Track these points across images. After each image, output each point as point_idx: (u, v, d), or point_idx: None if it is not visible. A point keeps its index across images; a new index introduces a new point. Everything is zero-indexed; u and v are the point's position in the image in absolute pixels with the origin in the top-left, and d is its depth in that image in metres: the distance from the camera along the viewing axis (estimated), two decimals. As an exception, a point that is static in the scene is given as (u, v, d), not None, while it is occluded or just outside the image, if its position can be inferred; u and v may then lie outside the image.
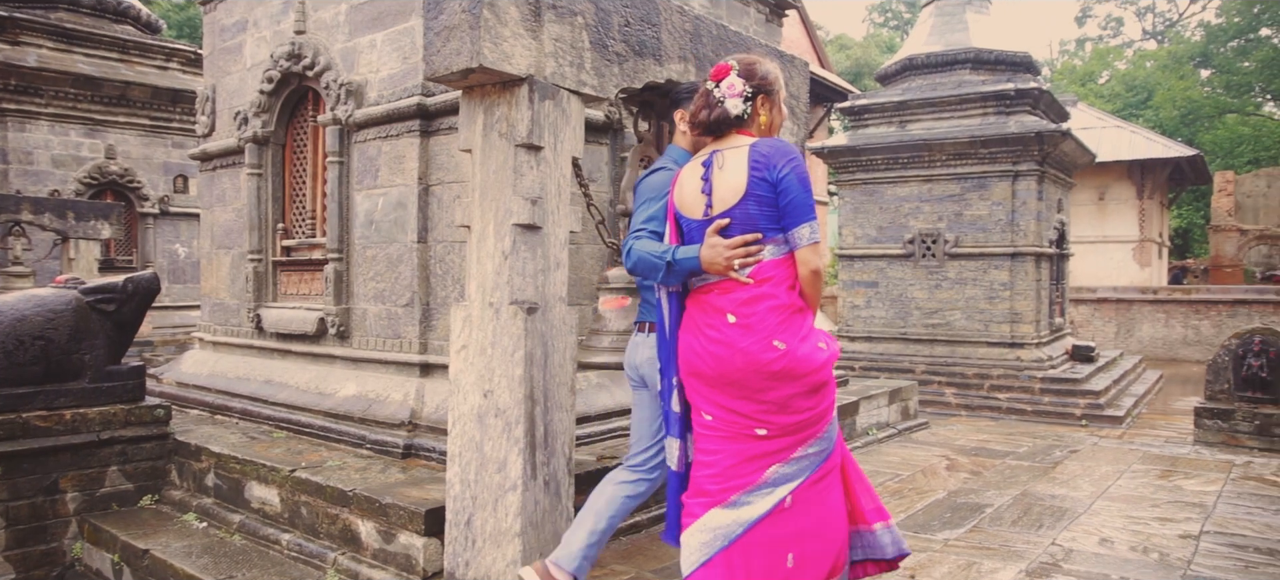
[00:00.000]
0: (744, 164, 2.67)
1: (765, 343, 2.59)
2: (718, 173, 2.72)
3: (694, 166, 2.84)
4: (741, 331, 2.62)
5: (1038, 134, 10.43)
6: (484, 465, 3.17)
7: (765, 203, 2.65)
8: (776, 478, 2.62)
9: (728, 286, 2.68)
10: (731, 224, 2.68)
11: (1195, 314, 18.46)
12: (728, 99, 2.78)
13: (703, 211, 2.75)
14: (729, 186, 2.69)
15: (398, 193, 4.76)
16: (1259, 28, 36.93)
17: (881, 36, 47.74)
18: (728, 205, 2.69)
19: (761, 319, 2.62)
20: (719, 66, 2.87)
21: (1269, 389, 7.89)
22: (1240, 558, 4.01)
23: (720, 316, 2.67)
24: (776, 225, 2.66)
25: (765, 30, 6.68)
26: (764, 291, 2.64)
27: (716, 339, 2.66)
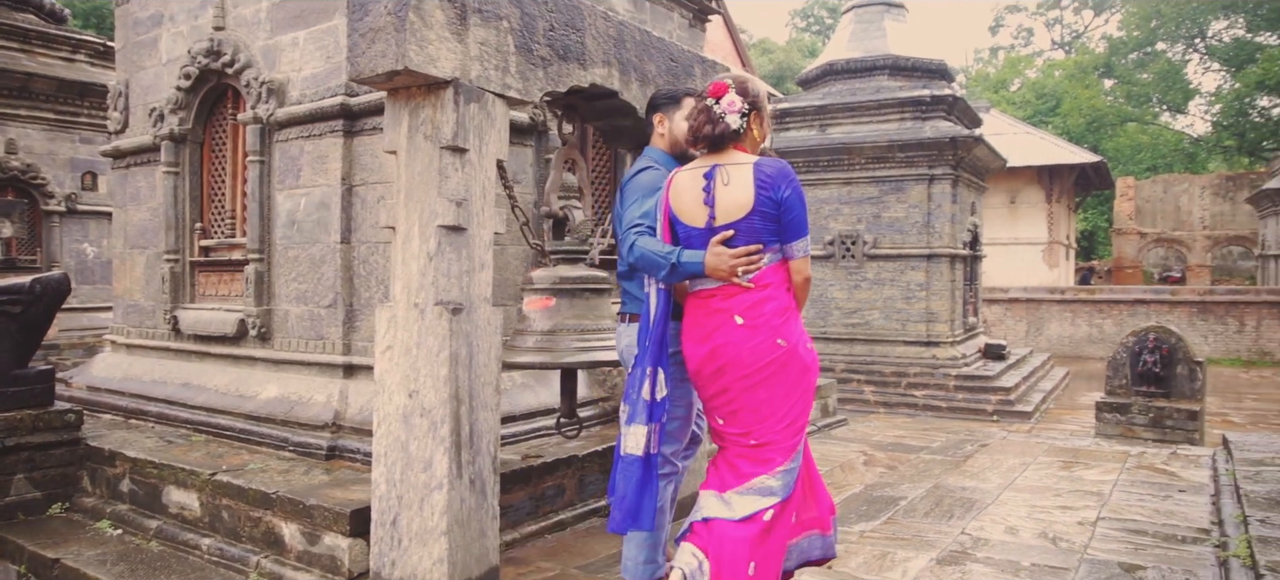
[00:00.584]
0: (750, 182, 2.88)
1: (770, 340, 2.86)
2: (722, 188, 2.92)
3: (693, 177, 3.00)
4: (748, 331, 2.87)
5: (952, 139, 10.79)
6: (409, 465, 3.18)
7: (768, 218, 2.88)
8: (762, 488, 2.85)
9: (731, 291, 2.91)
10: (736, 235, 2.90)
11: (1099, 313, 19.28)
12: (728, 115, 2.96)
13: (706, 221, 2.94)
14: (735, 201, 2.90)
15: (321, 193, 4.72)
16: (1155, 42, 38.70)
17: (804, 41, 48.59)
18: (733, 218, 2.90)
19: (766, 319, 2.88)
20: (717, 84, 3.04)
21: (1162, 383, 8.34)
22: (1132, 541, 4.25)
23: (728, 319, 2.90)
24: (775, 237, 2.90)
25: (689, 34, 6.79)
26: (767, 295, 2.89)
27: (723, 339, 2.90)
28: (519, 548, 4.08)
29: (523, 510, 4.22)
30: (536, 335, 3.80)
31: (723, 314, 2.91)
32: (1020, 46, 50.11)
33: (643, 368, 3.06)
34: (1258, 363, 17.70)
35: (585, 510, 4.53)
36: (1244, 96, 35.45)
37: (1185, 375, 8.43)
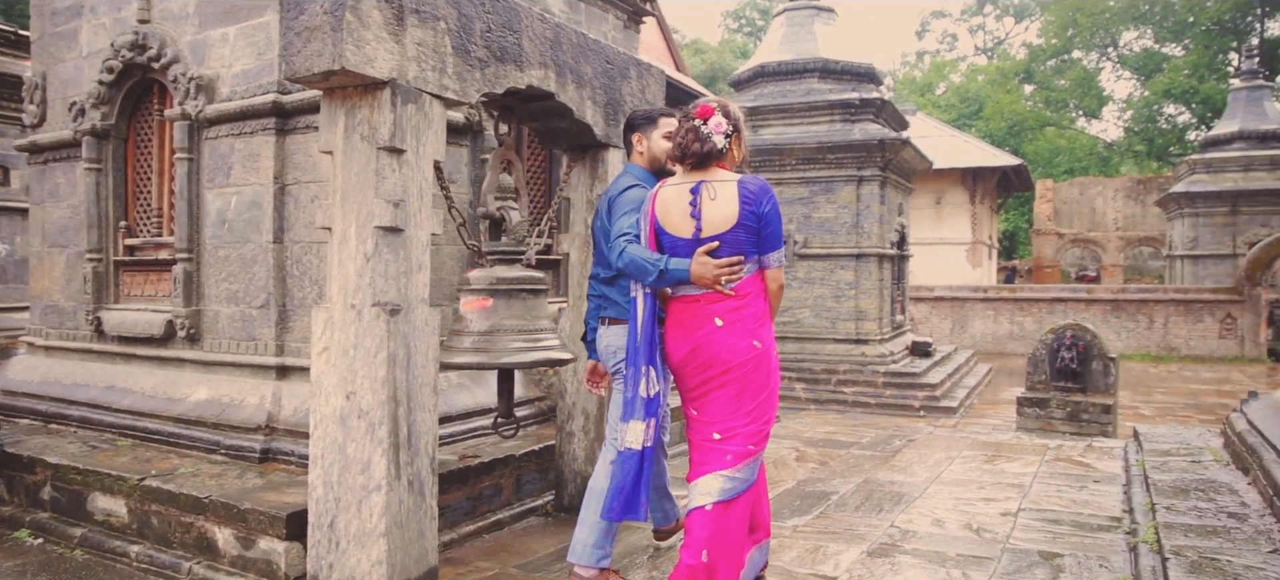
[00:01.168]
0: (735, 198, 3.12)
1: (747, 342, 3.13)
2: (708, 202, 3.15)
3: (679, 192, 3.21)
4: (727, 333, 3.12)
5: (880, 141, 11.04)
6: (347, 467, 3.17)
7: (750, 231, 3.13)
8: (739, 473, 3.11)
9: (713, 297, 3.15)
10: (720, 246, 3.12)
11: (1020, 311, 19.90)
12: (714, 135, 3.18)
13: (692, 233, 3.16)
14: (721, 215, 3.12)
15: (252, 192, 4.65)
16: (1072, 50, 40.10)
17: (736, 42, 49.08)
18: (718, 231, 3.13)
19: (745, 323, 3.13)
20: (703, 107, 3.26)
21: (1078, 379, 8.67)
22: (1050, 530, 4.44)
23: (708, 321, 3.15)
24: (754, 249, 3.16)
25: (624, 35, 6.85)
26: (746, 302, 3.15)
27: (705, 338, 3.15)
28: (457, 548, 4.09)
29: (460, 510, 4.23)
30: (474, 336, 3.80)
31: (706, 317, 3.15)
32: (945, 51, 51.42)
33: (637, 367, 3.26)
34: (1165, 358, 18.48)
35: (522, 509, 4.56)
36: (1152, 104, 37.01)
37: (1100, 371, 8.78)
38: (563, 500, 4.64)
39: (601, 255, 3.76)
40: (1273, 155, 21.40)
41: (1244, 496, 4.54)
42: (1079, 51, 40.24)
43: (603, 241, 3.66)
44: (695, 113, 3.25)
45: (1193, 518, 4.14)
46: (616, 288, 3.65)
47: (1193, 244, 21.87)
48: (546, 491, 4.75)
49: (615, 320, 3.66)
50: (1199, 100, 34.34)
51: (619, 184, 3.64)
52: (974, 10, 49.23)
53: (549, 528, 4.45)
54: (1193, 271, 21.72)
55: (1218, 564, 3.45)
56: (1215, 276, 20.72)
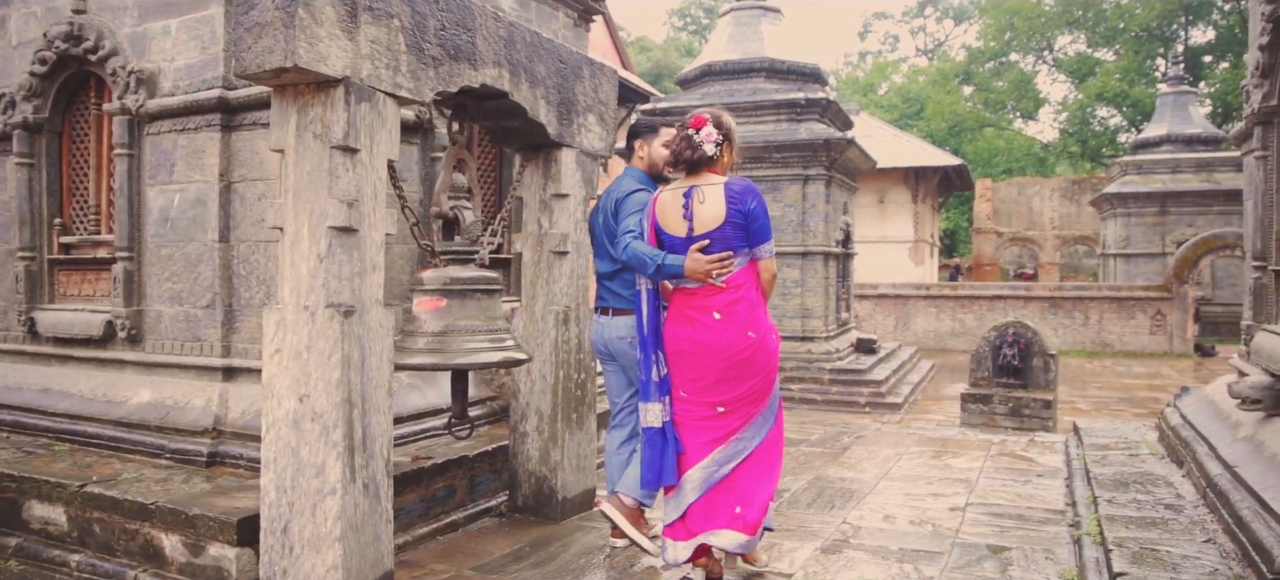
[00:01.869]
0: (722, 199, 3.42)
1: (742, 332, 3.41)
2: (698, 205, 3.45)
3: (674, 195, 3.53)
4: (724, 325, 3.41)
5: (826, 141, 11.17)
6: (301, 470, 3.12)
7: (738, 228, 3.41)
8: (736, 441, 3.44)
9: (709, 291, 3.43)
10: (711, 244, 3.41)
11: (961, 308, 20.30)
12: (705, 144, 3.48)
13: (686, 232, 3.46)
14: (710, 214, 3.42)
15: (197, 189, 4.54)
16: (1010, 53, 41.03)
17: (681, 40, 49.26)
18: (708, 228, 3.42)
19: (739, 317, 3.41)
20: (696, 117, 3.54)
21: (1020, 375, 8.88)
22: (998, 524, 4.54)
23: (707, 314, 3.44)
24: (744, 243, 3.43)
25: (574, 34, 6.82)
26: (740, 295, 3.43)
27: (704, 329, 3.43)
28: (411, 550, 4.04)
29: (414, 512, 4.18)
30: (427, 336, 3.76)
31: (703, 311, 3.45)
32: (887, 52, 52.25)
33: (647, 355, 3.60)
34: (1100, 353, 19.00)
35: (477, 510, 4.52)
36: (1086, 107, 38.03)
37: (1041, 367, 9.00)
38: (517, 501, 4.61)
39: (601, 249, 4.12)
40: (1198, 158, 22.15)
41: (1179, 489, 4.69)
42: (1016, 54, 41.19)
43: (605, 239, 4.04)
44: (689, 123, 3.53)
45: (1133, 510, 4.27)
46: (618, 281, 4.04)
47: (1125, 243, 22.54)
48: (500, 492, 4.72)
49: (619, 310, 4.04)
50: (1130, 104, 35.38)
51: (623, 187, 3.98)
52: (915, 12, 50.13)
53: (504, 528, 4.42)
54: (1125, 270, 22.38)
55: (1157, 554, 3.56)
56: (1146, 274, 21.38)
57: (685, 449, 3.49)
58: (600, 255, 4.15)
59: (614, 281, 4.06)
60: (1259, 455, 4.04)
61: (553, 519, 4.47)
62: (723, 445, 3.44)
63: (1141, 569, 3.39)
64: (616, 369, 4.16)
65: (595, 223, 4.21)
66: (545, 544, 4.16)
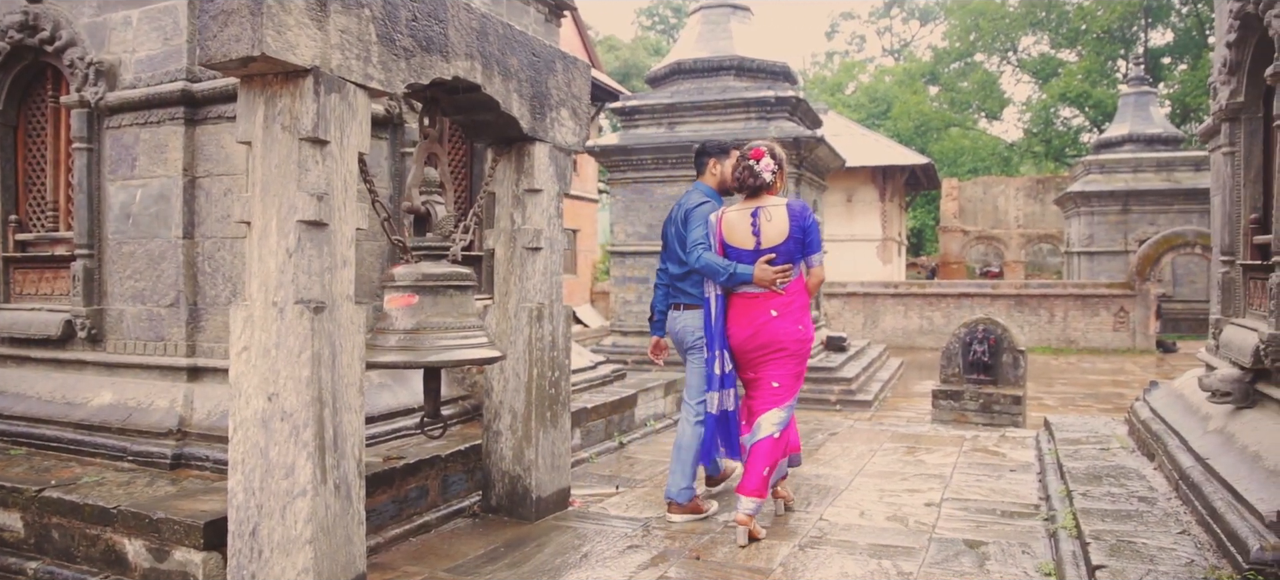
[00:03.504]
0: (785, 218, 4.23)
1: (794, 327, 4.26)
2: (766, 223, 4.24)
3: (741, 215, 4.30)
4: (780, 322, 4.24)
5: (796, 139, 11.17)
6: (270, 471, 3.03)
7: (797, 241, 4.23)
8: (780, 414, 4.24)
9: (769, 295, 4.23)
10: (775, 257, 4.21)
11: (929, 306, 20.44)
12: (764, 172, 4.27)
13: (754, 245, 4.24)
14: (776, 231, 4.22)
15: (159, 184, 4.42)
16: (974, 53, 41.48)
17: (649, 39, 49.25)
18: (774, 243, 4.22)
19: (793, 314, 4.25)
20: (755, 150, 4.32)
21: (990, 371, 8.93)
22: (974, 519, 4.54)
23: (765, 312, 4.24)
24: (800, 254, 4.26)
25: (545, 29, 6.76)
26: (793, 297, 4.26)
27: (763, 325, 4.24)
28: (383, 552, 3.96)
29: (386, 513, 4.10)
30: (399, 334, 3.69)
31: (764, 310, 4.24)
32: (854, 52, 52.59)
33: (712, 352, 4.36)
34: (1065, 350, 19.22)
35: (449, 511, 4.44)
36: (1050, 107, 38.54)
37: (1010, 363, 9.06)
38: (490, 500, 4.54)
39: (672, 253, 4.66)
40: (1159, 157, 22.48)
41: (1151, 481, 4.72)
42: (981, 55, 41.64)
43: (677, 245, 4.59)
44: (750, 154, 4.31)
45: (1107, 503, 4.29)
46: (688, 281, 4.60)
47: (1089, 241, 22.82)
48: (473, 492, 4.65)
49: (689, 306, 4.61)
50: (1092, 104, 35.88)
51: (692, 199, 4.59)
52: (881, 13, 50.49)
53: (477, 529, 4.35)
54: (1089, 267, 22.66)
55: (1134, 546, 3.57)
56: (1109, 272, 21.66)
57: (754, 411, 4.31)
58: (672, 259, 4.69)
59: (685, 282, 4.63)
60: (1230, 447, 4.06)
61: (527, 519, 4.41)
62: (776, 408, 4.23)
63: (1119, 561, 3.40)
64: (695, 359, 4.63)
65: (668, 231, 4.77)
66: (520, 544, 4.10)
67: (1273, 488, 3.38)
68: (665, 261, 4.76)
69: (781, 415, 4.23)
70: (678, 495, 4.51)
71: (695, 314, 4.55)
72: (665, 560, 3.89)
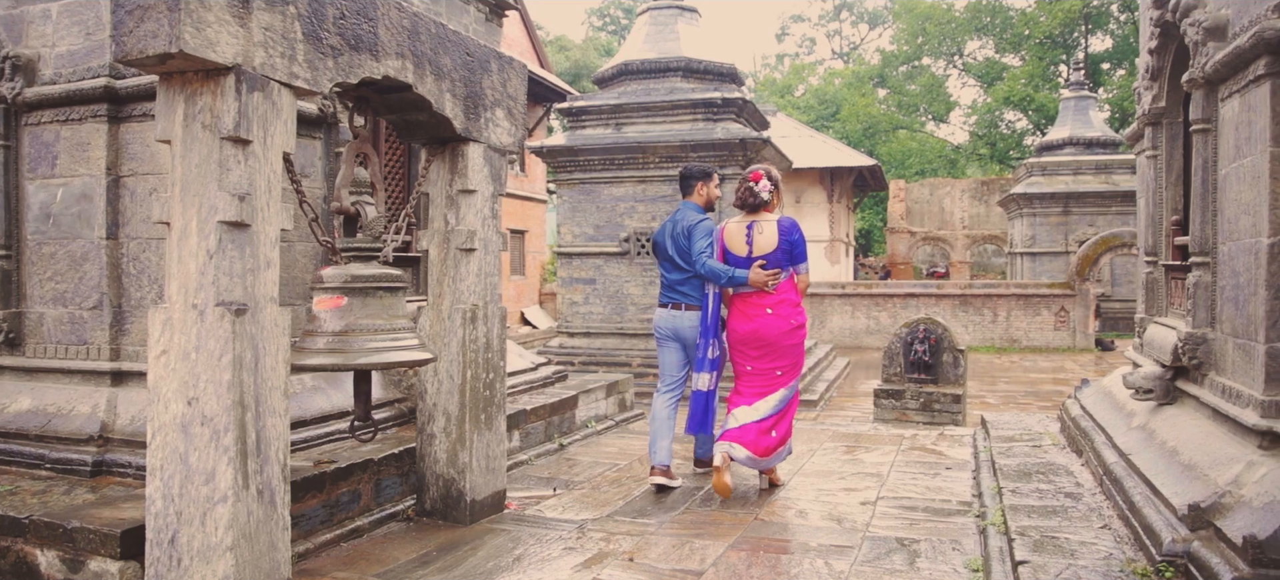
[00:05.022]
0: (775, 230, 4.98)
1: (786, 321, 4.97)
2: (758, 235, 5.00)
3: (739, 226, 5.07)
4: (775, 318, 4.96)
5: (742, 140, 11.23)
6: (190, 477, 2.97)
7: (784, 251, 4.98)
8: (781, 395, 4.99)
9: (763, 295, 4.97)
10: (766, 263, 4.94)
11: (876, 306, 20.69)
12: (762, 193, 5.03)
13: (747, 253, 4.99)
14: (767, 241, 4.97)
15: (82, 183, 4.31)
16: (922, 57, 42.08)
17: (600, 40, 49.19)
18: (765, 252, 4.97)
19: (785, 311, 4.98)
20: (755, 173, 5.06)
21: (930, 371, 9.06)
22: (907, 517, 4.60)
23: (761, 310, 4.97)
24: (788, 262, 5.00)
25: (485, 29, 6.71)
26: (784, 297, 4.99)
27: (760, 319, 4.97)
28: (313, 558, 3.90)
29: (316, 518, 4.04)
30: (327, 336, 3.63)
31: (759, 307, 4.98)
32: (804, 55, 53.07)
33: (706, 339, 5.13)
34: (1008, 349, 19.59)
35: (383, 515, 4.39)
36: (994, 110, 39.26)
37: (950, 363, 9.20)
38: (424, 504, 4.50)
39: (671, 261, 5.29)
40: (1098, 160, 23.00)
41: (1078, 477, 4.82)
42: (928, 59, 42.24)
43: (675, 254, 5.24)
44: (749, 177, 5.05)
45: (1035, 499, 4.37)
46: (687, 285, 5.22)
47: (1031, 242, 23.28)
48: (408, 496, 4.60)
49: (689, 307, 5.22)
50: (1035, 108, 36.61)
51: (690, 217, 5.25)
52: (831, 16, 51.04)
53: (410, 533, 4.30)
54: (1031, 267, 23.11)
55: (1057, 541, 3.65)
56: (1051, 272, 22.12)
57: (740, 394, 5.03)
58: (669, 266, 5.32)
59: (686, 285, 5.24)
60: (1151, 443, 4.17)
61: (462, 522, 4.37)
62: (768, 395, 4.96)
63: (1042, 556, 3.46)
64: (677, 349, 5.31)
65: (663, 240, 5.36)
66: (453, 547, 4.06)
67: (1187, 482, 3.47)
68: (666, 269, 5.39)
69: (784, 394, 5.01)
70: (658, 461, 5.21)
71: (694, 314, 5.22)
72: (599, 562, 3.89)
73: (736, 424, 4.92)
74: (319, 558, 3.93)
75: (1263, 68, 3.24)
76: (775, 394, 4.97)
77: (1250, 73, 3.36)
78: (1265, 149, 3.25)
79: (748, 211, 5.06)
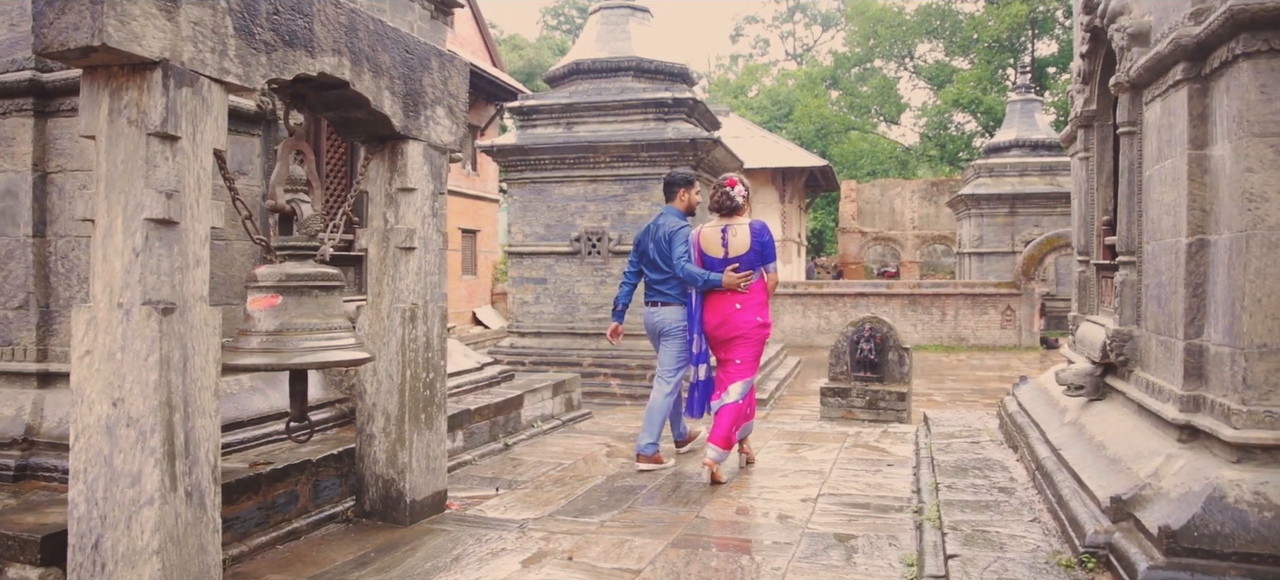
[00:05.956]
0: (747, 233, 5.42)
1: (753, 317, 5.43)
2: (732, 237, 5.43)
3: (714, 230, 5.50)
4: (744, 313, 5.41)
5: (692, 140, 11.27)
6: (114, 480, 2.91)
7: (756, 253, 5.41)
8: (742, 386, 5.42)
9: (735, 293, 5.40)
10: (739, 264, 5.38)
11: (827, 306, 20.90)
12: (737, 198, 5.49)
13: (722, 255, 5.43)
14: (740, 243, 5.41)
15: (7, 179, 4.20)
16: (874, 59, 42.59)
17: (554, 39, 49.04)
18: (738, 254, 5.40)
19: (752, 307, 5.42)
20: (731, 179, 5.52)
21: (876, 369, 9.18)
22: (847, 513, 4.66)
23: (731, 306, 5.42)
24: (759, 263, 5.44)
25: (431, 26, 6.66)
26: (753, 295, 5.43)
27: (730, 314, 5.42)
28: (247, 561, 3.85)
29: (251, 521, 3.98)
30: (262, 335, 3.59)
31: (729, 303, 5.42)
32: (758, 56, 53.42)
33: (691, 334, 5.64)
34: (956, 348, 19.91)
35: (321, 517, 4.34)
36: (944, 112, 39.87)
37: (896, 361, 9.33)
38: (364, 505, 4.46)
39: (652, 262, 5.79)
40: (1043, 162, 23.47)
41: (1013, 472, 4.92)
42: (880, 61, 42.78)
43: (657, 257, 5.74)
44: (726, 183, 5.48)
45: (970, 494, 4.45)
46: (668, 285, 5.74)
47: (979, 242, 23.68)
48: (348, 497, 4.55)
49: (665, 303, 5.77)
50: (983, 110, 37.24)
51: (669, 223, 5.71)
52: (784, 17, 51.44)
53: (350, 534, 4.26)
54: (979, 267, 23.51)
55: (987, 535, 3.72)
56: (998, 272, 22.51)
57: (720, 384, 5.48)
58: (652, 267, 5.81)
59: (666, 285, 5.74)
60: (1081, 438, 4.27)
61: (402, 523, 4.34)
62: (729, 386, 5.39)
63: (972, 550, 3.53)
64: (661, 341, 5.83)
65: (645, 243, 5.85)
66: (392, 549, 4.03)
67: (1111, 475, 3.56)
68: (640, 266, 5.93)
69: (742, 386, 5.40)
70: (644, 449, 5.67)
71: (673, 310, 5.73)
72: (539, 561, 3.88)
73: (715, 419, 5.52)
74: (253, 561, 3.87)
75: (1180, 73, 3.34)
76: (734, 386, 5.39)
77: (1170, 78, 3.46)
78: (1184, 152, 3.35)
79: (722, 215, 5.51)
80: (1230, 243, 3.10)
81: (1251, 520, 2.81)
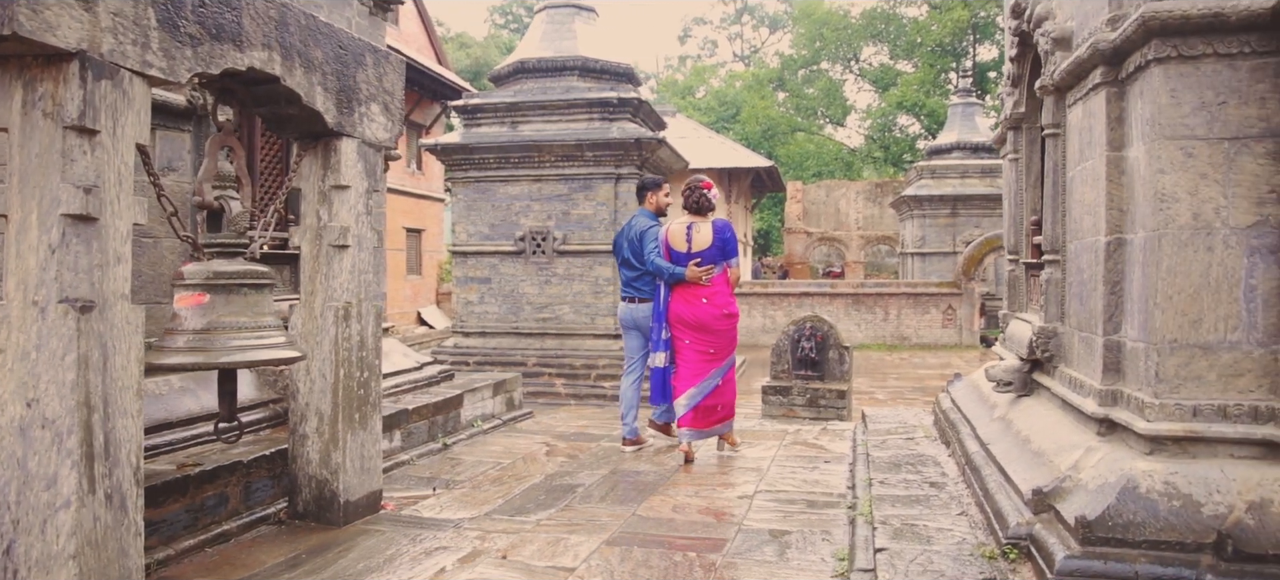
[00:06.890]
0: (710, 230, 5.84)
1: (720, 307, 5.82)
2: (696, 233, 5.85)
3: (680, 226, 5.90)
4: (709, 306, 5.80)
5: (637, 140, 11.30)
6: (28, 483, 2.84)
7: (718, 247, 5.80)
8: (715, 374, 5.85)
9: (699, 287, 5.79)
10: (702, 259, 5.78)
11: (772, 305, 21.09)
12: (711, 199, 5.95)
13: (686, 249, 5.83)
14: (703, 240, 5.82)
15: (-80, 175, 4.06)
16: (820, 61, 43.08)
17: (502, 38, 48.76)
18: (701, 249, 5.81)
19: (717, 301, 5.81)
20: (705, 182, 5.99)
21: (817, 367, 9.29)
22: (783, 509, 4.70)
23: (697, 297, 5.81)
24: (722, 258, 5.83)
25: (369, 23, 6.59)
26: (718, 289, 5.82)
27: (697, 306, 5.80)
28: (174, 565, 3.77)
29: (179, 523, 3.90)
30: (189, 334, 3.52)
31: (696, 296, 5.82)
32: (706, 57, 53.68)
33: (659, 325, 6.02)
34: (898, 346, 20.23)
35: (252, 518, 4.27)
36: (888, 114, 40.47)
37: (836, 360, 9.45)
38: (297, 506, 4.39)
39: (627, 261, 6.34)
40: (983, 164, 23.93)
41: (944, 468, 5.02)
42: (826, 63, 43.28)
43: (630, 255, 6.28)
44: (701, 186, 5.96)
45: (901, 489, 4.53)
46: (642, 281, 6.27)
47: (921, 242, 24.07)
48: (281, 498, 4.48)
49: (642, 300, 6.29)
50: (926, 113, 37.88)
51: (641, 224, 6.25)
52: (732, 19, 51.79)
53: (281, 536, 4.20)
54: (921, 267, 23.90)
55: (916, 529, 3.79)
56: (940, 272, 22.91)
57: (681, 378, 5.88)
58: (625, 266, 6.37)
59: (640, 282, 6.29)
60: (1008, 432, 4.37)
61: (335, 524, 4.29)
62: (705, 377, 5.80)
63: (900, 543, 3.60)
64: (637, 335, 6.39)
65: (621, 243, 6.42)
66: (324, 550, 3.98)
67: (1035, 468, 3.65)
68: (624, 267, 6.41)
69: (716, 377, 5.85)
70: (628, 434, 6.32)
71: (647, 307, 6.24)
72: (473, 561, 3.87)
73: (685, 408, 5.87)
74: (180, 564, 3.80)
75: (1099, 77, 3.43)
76: (709, 374, 5.82)
77: (1089, 82, 3.56)
78: (1103, 153, 3.45)
79: (693, 213, 5.95)
80: (1144, 242, 3.20)
81: (1161, 509, 2.90)
